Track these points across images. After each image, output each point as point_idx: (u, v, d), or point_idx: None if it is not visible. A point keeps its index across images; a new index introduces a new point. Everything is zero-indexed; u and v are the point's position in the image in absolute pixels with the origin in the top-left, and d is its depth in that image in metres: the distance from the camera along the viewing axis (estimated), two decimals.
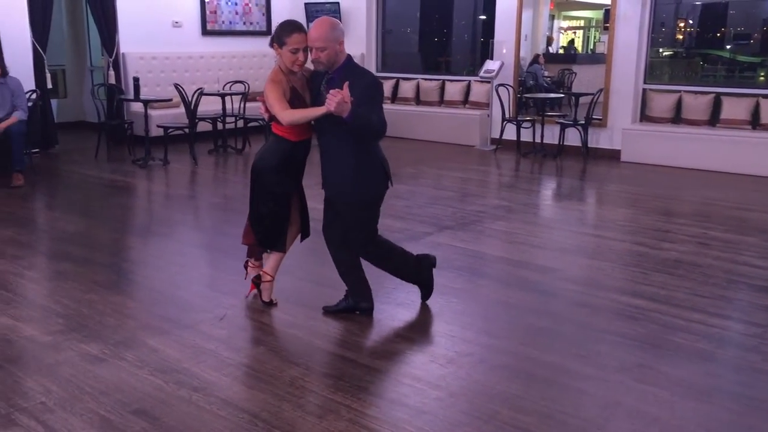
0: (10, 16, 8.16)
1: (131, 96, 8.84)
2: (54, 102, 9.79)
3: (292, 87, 3.72)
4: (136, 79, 8.66)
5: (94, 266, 4.83)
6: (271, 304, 4.14)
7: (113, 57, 9.61)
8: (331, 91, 3.41)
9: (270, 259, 4.14)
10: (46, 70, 8.93)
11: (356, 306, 4.04)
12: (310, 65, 3.79)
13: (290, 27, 3.68)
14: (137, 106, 9.11)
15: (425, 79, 11.07)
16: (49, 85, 9.08)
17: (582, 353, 3.58)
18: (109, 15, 9.52)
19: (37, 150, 8.54)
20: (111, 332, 3.73)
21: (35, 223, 6.38)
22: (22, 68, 8.01)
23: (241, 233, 4.18)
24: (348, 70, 3.67)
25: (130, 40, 9.74)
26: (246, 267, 4.29)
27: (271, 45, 3.74)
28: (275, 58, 3.79)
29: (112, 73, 9.61)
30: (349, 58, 3.73)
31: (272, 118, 3.76)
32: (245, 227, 4.12)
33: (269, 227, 4.00)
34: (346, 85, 3.43)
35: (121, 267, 5.04)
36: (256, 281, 4.16)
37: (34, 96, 7.97)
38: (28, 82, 8.17)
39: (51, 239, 5.71)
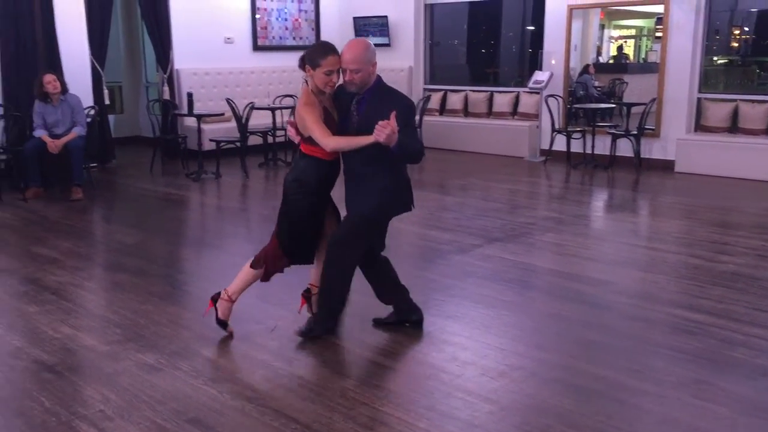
0: (70, 36, 8.45)
1: (185, 111, 9.05)
2: (111, 117, 10.08)
3: (323, 108, 3.71)
4: (189, 95, 8.87)
5: (150, 277, 4.95)
6: (223, 324, 3.98)
7: (168, 73, 9.86)
8: (380, 123, 3.37)
9: (314, 272, 4.09)
10: (104, 87, 9.21)
11: (407, 318, 4.04)
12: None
13: (324, 49, 3.66)
14: (191, 121, 9.32)
15: (473, 91, 11.05)
16: (107, 102, 9.35)
17: (637, 368, 3.51)
18: (164, 32, 9.77)
19: (95, 164, 8.80)
20: (166, 342, 3.82)
21: (93, 235, 6.57)
22: (81, 85, 8.28)
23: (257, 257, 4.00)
24: (380, 91, 3.69)
25: (183, 56, 9.98)
26: (305, 296, 4.10)
27: (302, 66, 3.70)
28: (304, 78, 3.75)
29: (166, 88, 9.87)
30: (379, 78, 3.72)
31: (307, 139, 3.70)
32: (266, 253, 3.95)
33: (303, 245, 3.94)
34: (393, 115, 3.39)
35: (176, 278, 5.15)
36: (307, 295, 4.18)
37: (92, 112, 8.22)
38: (87, 99, 8.44)
39: (108, 251, 5.87)
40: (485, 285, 4.75)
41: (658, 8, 9.11)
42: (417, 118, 9.95)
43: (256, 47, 10.90)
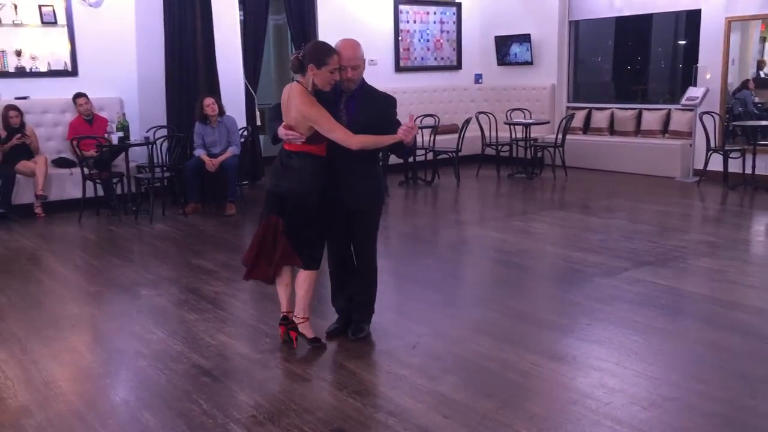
0: (228, 62, 9.02)
1: None
2: (261, 138, 10.63)
3: None
4: None
5: None
6: (317, 340, 4.03)
7: None
8: (407, 125, 3.69)
9: (285, 297, 4.04)
10: (256, 109, 9.74)
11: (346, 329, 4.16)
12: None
13: (329, 48, 3.74)
14: None
15: (620, 109, 10.66)
16: (258, 123, 9.88)
17: None
18: None
19: (246, 182, 9.30)
20: (312, 354, 3.94)
21: (245, 249, 6.90)
22: (235, 107, 8.81)
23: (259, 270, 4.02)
24: (367, 90, 3.88)
25: None
26: (295, 327, 4.05)
27: (300, 67, 3.73)
28: (295, 78, 3.83)
29: None
30: (363, 78, 3.88)
31: (309, 139, 3.74)
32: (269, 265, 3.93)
33: (317, 247, 3.97)
34: (410, 117, 3.79)
35: (320, 292, 5.30)
36: (287, 323, 4.03)
37: (245, 132, 8.70)
38: (240, 120, 8.96)
39: None
40: (634, 310, 4.54)
41: None
42: (560, 136, 9.79)
43: (399, 68, 11.13)
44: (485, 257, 6.22)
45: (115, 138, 7.59)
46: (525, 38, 11.22)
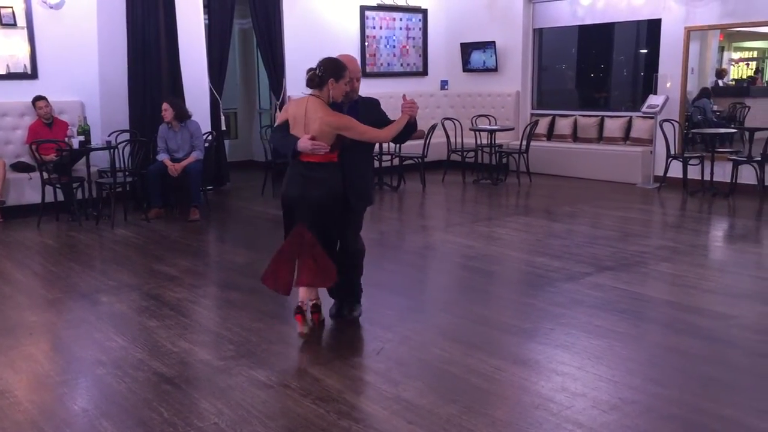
0: (192, 65, 8.94)
1: None
2: (227, 142, 10.55)
3: None
4: None
5: (261, 296, 5.09)
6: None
7: (280, 100, 10.23)
8: (407, 102, 4.15)
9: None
10: (221, 114, 9.67)
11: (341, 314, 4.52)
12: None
13: (343, 63, 4.09)
14: None
15: (583, 116, 10.82)
16: (223, 128, 9.80)
17: (764, 408, 3.29)
18: (278, 61, 10.17)
19: (211, 187, 9.22)
20: (276, 360, 3.92)
21: (209, 254, 6.86)
22: (200, 112, 8.72)
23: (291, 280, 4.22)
24: (362, 98, 4.32)
25: (296, 83, 10.28)
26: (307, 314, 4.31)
27: (324, 81, 4.02)
28: (310, 93, 4.10)
29: (278, 114, 10.21)
30: None
31: (333, 147, 4.04)
32: (317, 272, 4.12)
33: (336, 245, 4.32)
34: (404, 96, 4.23)
35: (285, 298, 5.27)
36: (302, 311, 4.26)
37: (209, 137, 8.62)
38: (205, 125, 8.88)
39: (222, 270, 6.11)
40: (596, 314, 4.60)
41: None
42: (525, 143, 9.89)
43: (365, 74, 11.12)
44: (450, 263, 6.24)
45: (75, 142, 7.47)
46: (490, 45, 11.33)
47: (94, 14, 8.38)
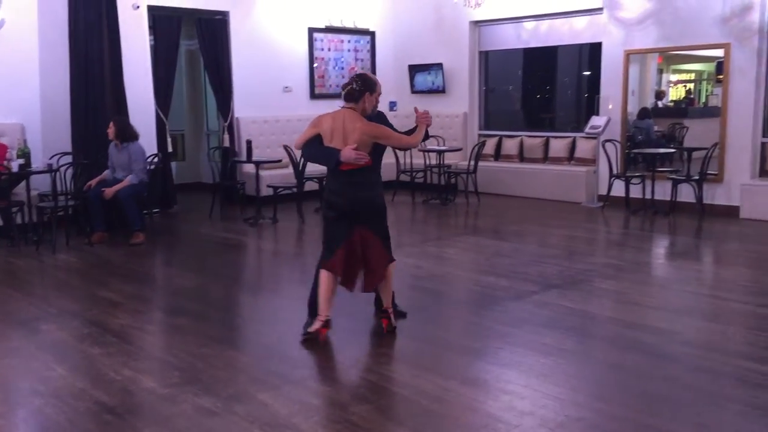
0: (137, 87, 8.80)
1: (244, 158, 9.27)
2: (174, 164, 10.41)
3: None
4: (248, 142, 9.09)
5: (208, 321, 5.02)
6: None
7: (228, 121, 10.16)
8: (421, 113, 4.53)
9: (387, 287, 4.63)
10: (167, 135, 9.54)
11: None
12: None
13: (375, 79, 4.51)
14: (249, 168, 9.55)
15: (529, 136, 11.03)
16: (170, 149, 9.67)
17: (704, 422, 3.37)
18: (225, 83, 10.11)
19: (157, 210, 9.06)
20: (223, 386, 3.85)
21: (154, 279, 6.73)
22: (145, 133, 8.55)
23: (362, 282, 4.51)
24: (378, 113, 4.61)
25: (243, 105, 10.28)
26: (389, 315, 4.65)
27: (361, 95, 4.36)
28: (346, 106, 4.42)
29: (226, 136, 10.15)
30: None
31: (371, 155, 4.37)
32: (374, 274, 4.45)
33: None
34: (416, 108, 4.60)
35: (233, 322, 5.22)
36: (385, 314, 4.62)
37: (155, 159, 8.49)
38: (151, 146, 8.74)
39: (168, 294, 6.00)
40: (543, 333, 4.66)
41: (718, 52, 8.99)
42: (473, 163, 10.02)
43: (314, 95, 11.16)
44: (400, 283, 6.21)
45: (15, 165, 7.26)
46: (437, 67, 11.48)
47: (35, 34, 8.19)
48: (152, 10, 9.18)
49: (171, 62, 9.55)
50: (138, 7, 8.82)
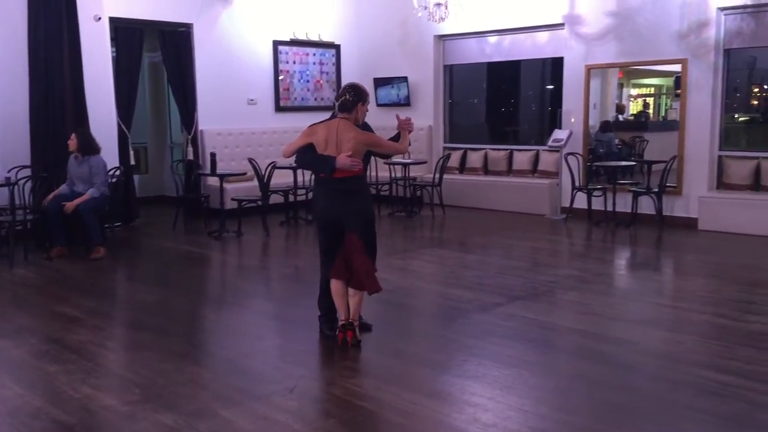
0: (98, 99, 8.68)
1: (208, 171, 9.18)
2: (136, 177, 10.27)
3: None
4: (213, 155, 9.02)
5: (171, 336, 4.95)
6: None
7: (192, 134, 10.07)
8: (403, 120, 4.76)
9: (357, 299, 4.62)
10: (130, 148, 9.41)
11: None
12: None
13: (365, 89, 4.71)
14: (213, 181, 9.47)
15: (493, 149, 11.14)
16: (132, 162, 9.54)
17: (664, 431, 3.41)
18: (189, 95, 10.03)
19: (119, 223, 8.92)
20: (185, 402, 3.79)
21: (116, 293, 6.62)
22: (107, 146, 8.43)
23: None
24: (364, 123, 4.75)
25: (207, 118, 10.20)
26: (354, 328, 4.63)
27: (354, 105, 4.56)
28: (341, 115, 4.58)
29: (190, 149, 10.05)
30: None
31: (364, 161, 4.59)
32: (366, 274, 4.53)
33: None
34: (397, 116, 4.89)
35: (196, 337, 5.15)
36: (351, 327, 4.59)
37: (117, 172, 8.37)
38: (113, 159, 8.60)
39: (130, 309, 5.90)
40: (507, 345, 4.69)
41: (677, 67, 9.20)
42: (438, 176, 10.07)
43: (279, 108, 11.13)
44: (365, 296, 6.23)
45: None
46: (402, 80, 11.55)
47: None
48: (114, 21, 9.07)
49: (133, 74, 9.44)
50: (100, 18, 8.71)
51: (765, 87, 12.15)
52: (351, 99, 4.56)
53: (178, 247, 8.27)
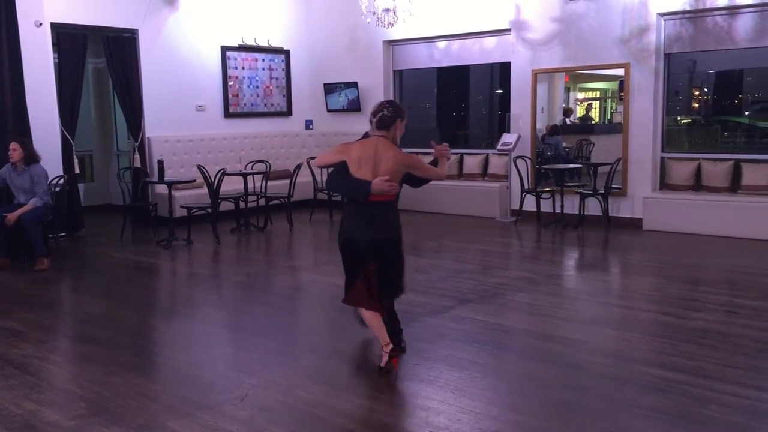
0: (40, 106, 8.44)
1: (156, 178, 9.04)
2: (81, 186, 10.03)
3: None
4: (160, 162, 8.88)
5: (118, 348, 4.84)
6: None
7: (139, 141, 9.89)
8: (440, 147, 4.51)
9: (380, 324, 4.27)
10: (74, 156, 9.19)
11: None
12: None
13: (401, 105, 4.40)
14: (161, 188, 9.32)
15: None
16: (77, 170, 9.32)
17: (612, 428, 3.48)
18: (135, 101, 9.85)
19: (63, 234, 8.70)
20: (133, 415, 3.71)
21: (60, 306, 6.44)
22: (50, 155, 8.22)
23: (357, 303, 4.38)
24: None
25: (155, 124, 10.04)
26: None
27: (393, 121, 4.21)
28: (376, 133, 4.23)
29: (137, 156, 9.88)
30: None
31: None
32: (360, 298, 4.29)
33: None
34: (432, 143, 4.56)
35: (145, 348, 5.05)
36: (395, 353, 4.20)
37: (61, 181, 8.16)
38: (56, 168, 8.38)
39: (75, 322, 5.76)
40: (458, 347, 4.72)
41: (620, 71, 9.42)
42: None
43: (228, 114, 11.02)
44: (318, 303, 6.22)
45: None
46: (352, 85, 11.56)
47: None
48: (56, 27, 8.86)
49: (77, 81, 9.23)
50: (41, 24, 8.48)
51: (705, 90, 12.54)
52: (389, 114, 4.19)
53: (126, 257, 8.10)
